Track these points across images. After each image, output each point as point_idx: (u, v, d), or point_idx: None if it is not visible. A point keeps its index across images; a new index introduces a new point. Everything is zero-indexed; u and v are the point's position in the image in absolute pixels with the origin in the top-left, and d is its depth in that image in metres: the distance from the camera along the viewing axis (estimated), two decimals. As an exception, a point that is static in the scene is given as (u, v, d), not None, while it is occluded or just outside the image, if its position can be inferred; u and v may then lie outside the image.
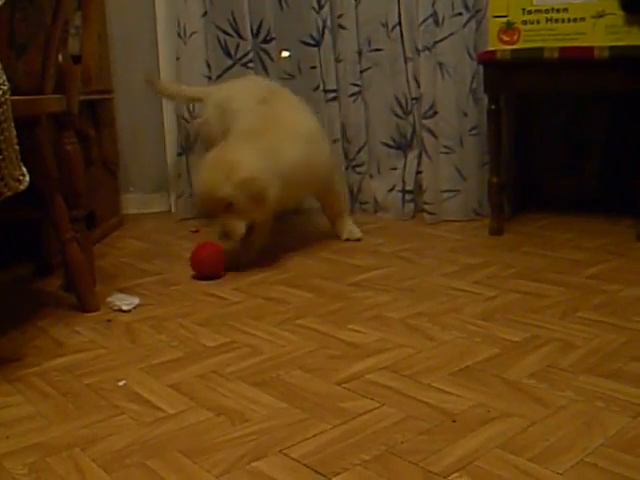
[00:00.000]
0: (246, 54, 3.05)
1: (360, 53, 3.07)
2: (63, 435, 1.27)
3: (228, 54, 3.07)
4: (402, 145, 3.05)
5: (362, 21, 3.04)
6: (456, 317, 1.81)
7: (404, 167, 3.02)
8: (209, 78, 3.04)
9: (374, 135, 3.10)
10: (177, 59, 3.08)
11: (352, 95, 3.08)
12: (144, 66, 3.24)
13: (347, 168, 3.12)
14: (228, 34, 3.05)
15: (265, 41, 3.10)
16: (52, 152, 1.93)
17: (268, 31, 3.08)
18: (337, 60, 3.08)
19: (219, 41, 3.06)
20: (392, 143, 3.07)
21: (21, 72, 1.71)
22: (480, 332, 1.69)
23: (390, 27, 2.97)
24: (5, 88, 1.39)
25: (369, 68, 3.07)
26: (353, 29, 3.03)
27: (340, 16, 3.04)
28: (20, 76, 1.70)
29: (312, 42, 3.06)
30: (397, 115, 3.04)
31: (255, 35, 3.09)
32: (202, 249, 2.26)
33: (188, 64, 3.03)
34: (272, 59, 3.12)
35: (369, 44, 3.05)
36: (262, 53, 3.11)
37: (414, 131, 3.01)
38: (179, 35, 3.03)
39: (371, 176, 3.10)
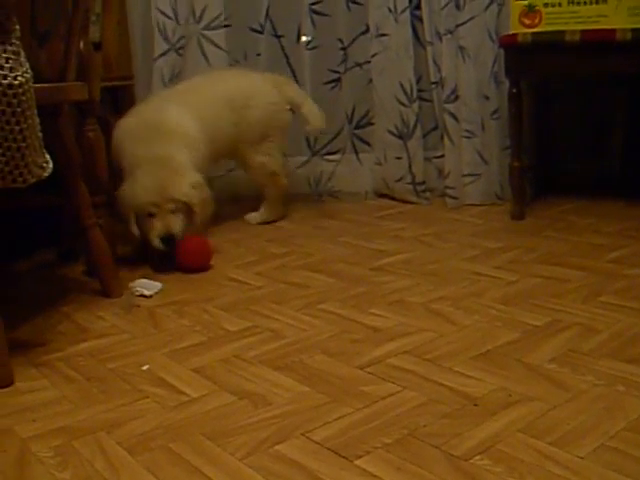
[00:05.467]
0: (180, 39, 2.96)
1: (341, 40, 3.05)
2: (88, 419, 1.29)
3: (166, 38, 2.96)
4: (403, 135, 3.00)
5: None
6: (477, 301, 1.81)
7: (408, 158, 3.01)
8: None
9: (381, 123, 3.06)
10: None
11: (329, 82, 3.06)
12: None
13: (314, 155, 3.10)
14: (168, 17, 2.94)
15: (209, 27, 2.98)
16: (74, 139, 1.95)
17: (217, 17, 2.97)
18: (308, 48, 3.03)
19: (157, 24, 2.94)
20: (395, 131, 3.03)
21: (43, 60, 1.72)
22: (501, 316, 1.70)
23: (399, 11, 2.94)
24: (28, 76, 1.40)
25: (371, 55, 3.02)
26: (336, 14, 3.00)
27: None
28: (42, 64, 1.71)
29: (259, 29, 3.01)
30: (401, 103, 2.99)
31: (198, 21, 2.95)
32: (190, 242, 2.21)
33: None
34: (218, 46, 2.99)
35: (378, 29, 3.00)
36: (203, 39, 2.97)
37: (417, 120, 2.96)
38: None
39: (380, 164, 3.09)
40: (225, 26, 3.00)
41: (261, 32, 3.02)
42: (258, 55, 3.04)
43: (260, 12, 3.00)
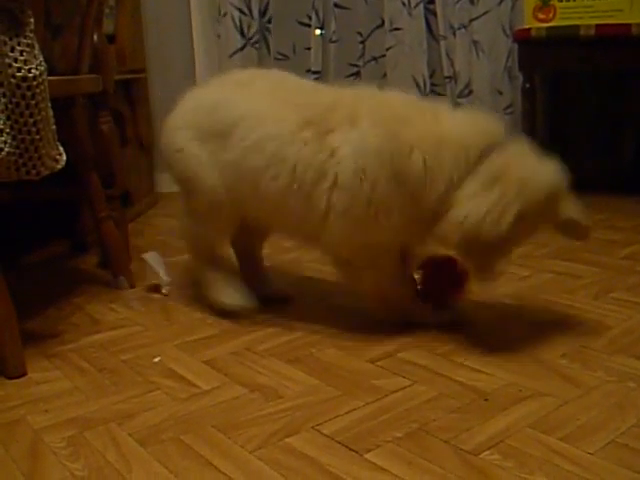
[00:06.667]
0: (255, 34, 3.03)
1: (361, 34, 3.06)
2: (100, 410, 1.30)
3: (242, 33, 3.04)
4: None
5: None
6: (489, 296, 1.80)
7: None
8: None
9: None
10: (218, 36, 3.08)
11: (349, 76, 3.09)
12: (177, 45, 3.25)
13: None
14: (243, 13, 3.02)
15: (270, 21, 3.07)
16: (88, 131, 1.95)
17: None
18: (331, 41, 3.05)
19: (233, 20, 3.01)
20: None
21: (57, 53, 1.73)
22: (513, 312, 1.69)
23: (413, 5, 2.93)
24: (42, 69, 1.41)
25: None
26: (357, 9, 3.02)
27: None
28: (56, 57, 1.72)
29: (308, 22, 3.04)
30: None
31: (262, 14, 3.04)
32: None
33: (225, 44, 3.03)
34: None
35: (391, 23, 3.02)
36: (266, 32, 3.07)
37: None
38: (219, 13, 3.03)
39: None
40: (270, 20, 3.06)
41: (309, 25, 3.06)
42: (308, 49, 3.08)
43: (308, 4, 3.04)
